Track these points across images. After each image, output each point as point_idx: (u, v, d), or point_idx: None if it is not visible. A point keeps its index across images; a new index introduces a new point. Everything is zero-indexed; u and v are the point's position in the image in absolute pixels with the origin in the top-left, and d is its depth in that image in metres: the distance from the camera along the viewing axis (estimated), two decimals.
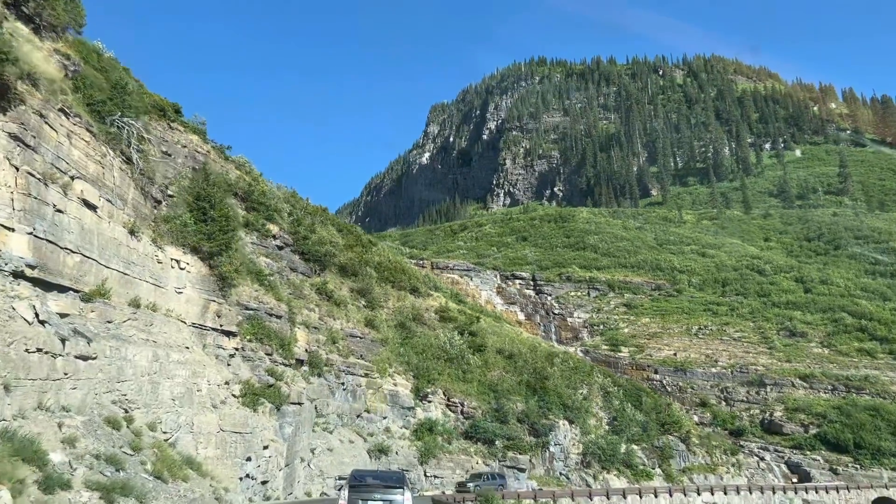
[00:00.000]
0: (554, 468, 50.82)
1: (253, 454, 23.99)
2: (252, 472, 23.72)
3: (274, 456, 27.65)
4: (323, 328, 45.83)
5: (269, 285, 42.15)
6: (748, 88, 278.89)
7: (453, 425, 48.52)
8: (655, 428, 57.26)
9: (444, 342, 55.19)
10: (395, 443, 43.26)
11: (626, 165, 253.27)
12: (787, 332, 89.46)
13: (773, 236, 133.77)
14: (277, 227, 51.55)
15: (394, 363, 49.18)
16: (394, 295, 61.69)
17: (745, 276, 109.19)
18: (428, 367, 50.16)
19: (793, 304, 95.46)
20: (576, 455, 52.09)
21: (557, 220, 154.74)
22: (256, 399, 27.09)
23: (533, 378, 54.60)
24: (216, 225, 27.93)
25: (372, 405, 44.87)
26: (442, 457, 44.70)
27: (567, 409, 53.15)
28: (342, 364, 43.53)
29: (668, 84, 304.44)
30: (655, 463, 54.84)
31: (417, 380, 48.94)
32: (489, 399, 51.01)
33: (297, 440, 32.79)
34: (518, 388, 53.24)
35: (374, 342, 50.05)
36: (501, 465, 45.27)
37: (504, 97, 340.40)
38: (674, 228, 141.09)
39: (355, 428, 42.05)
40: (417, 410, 48.09)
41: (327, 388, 41.41)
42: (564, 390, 54.49)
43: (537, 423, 50.83)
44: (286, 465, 29.37)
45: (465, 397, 50.49)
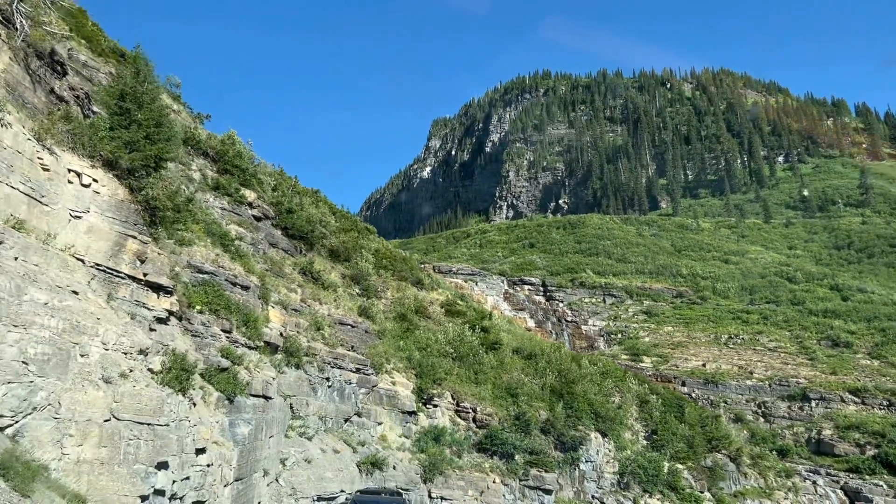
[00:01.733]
0: (585, 490, 41.76)
1: (171, 459, 15.12)
2: (165, 488, 14.83)
3: (216, 465, 18.77)
4: (306, 312, 37.12)
5: (238, 253, 33.52)
6: (759, 102, 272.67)
7: (464, 435, 39.57)
8: (702, 444, 48.29)
9: (453, 337, 46.34)
10: (392, 455, 34.31)
11: (634, 177, 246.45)
12: (828, 342, 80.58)
13: (798, 245, 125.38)
14: (255, 194, 43.09)
15: (392, 358, 40.33)
16: (393, 285, 52.98)
17: (774, 283, 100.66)
18: (433, 365, 41.30)
19: (832, 313, 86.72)
20: (611, 474, 43.05)
21: (567, 227, 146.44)
22: (187, 379, 18.23)
23: (558, 382, 45.68)
24: (142, 131, 19.33)
25: (365, 408, 35.95)
26: (450, 473, 35.70)
27: (599, 420, 44.19)
28: (328, 355, 34.71)
29: (677, 97, 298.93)
30: (704, 485, 45.74)
31: (421, 379, 40.06)
32: (507, 405, 42.09)
33: (259, 446, 23.89)
34: (541, 394, 44.33)
35: (368, 333, 41.25)
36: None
37: (508, 109, 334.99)
38: (691, 235, 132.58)
39: (342, 435, 33.12)
40: (420, 416, 39.17)
41: (307, 384, 32.56)
42: (595, 397, 45.55)
43: (565, 435, 41.86)
44: (237, 480, 20.47)
45: (477, 402, 41.57)
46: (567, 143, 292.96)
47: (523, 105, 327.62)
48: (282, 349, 31.86)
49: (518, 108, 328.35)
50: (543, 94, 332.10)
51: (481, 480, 36.57)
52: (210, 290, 26.68)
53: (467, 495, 35.64)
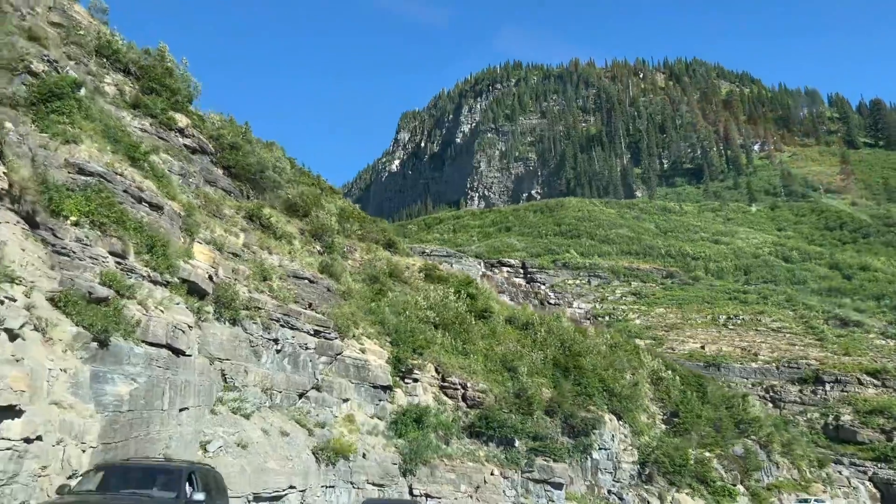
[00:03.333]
0: (599, 483, 33.94)
1: None
2: None
3: (52, 443, 10.34)
4: (249, 258, 28.71)
5: (153, 171, 25.01)
6: (734, 91, 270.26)
7: (452, 416, 31.47)
8: (730, 428, 40.87)
9: (435, 302, 38.22)
10: (361, 440, 26.03)
11: (608, 166, 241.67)
12: (837, 322, 74.17)
13: (787, 226, 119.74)
14: (189, 121, 34.53)
15: (362, 322, 32.03)
16: (362, 247, 44.68)
17: (770, 263, 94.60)
18: (412, 331, 33.12)
19: (837, 291, 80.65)
20: (630, 464, 35.32)
21: (544, 211, 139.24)
22: None
23: (562, 354, 37.83)
24: None
25: (326, 380, 27.57)
26: (437, 464, 27.56)
27: (613, 399, 36.46)
28: (276, 310, 26.31)
29: (650, 87, 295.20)
30: (736, 477, 38.29)
31: (397, 347, 31.81)
32: (503, 380, 34.10)
33: (154, 419, 15.49)
34: (542, 368, 36.42)
35: (331, 293, 32.89)
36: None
37: (479, 100, 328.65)
38: (676, 217, 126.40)
39: (295, 413, 24.73)
40: (397, 393, 30.91)
41: (247, 346, 24.14)
42: (606, 372, 37.74)
43: (574, 417, 33.99)
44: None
45: (467, 377, 33.47)
46: (539, 133, 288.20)
47: (494, 95, 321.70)
48: (211, 298, 23.44)
49: (489, 98, 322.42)
50: (515, 84, 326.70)
51: (476, 472, 28.48)
52: (96, 198, 18.19)
53: (459, 491, 27.52)
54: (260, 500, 19.54)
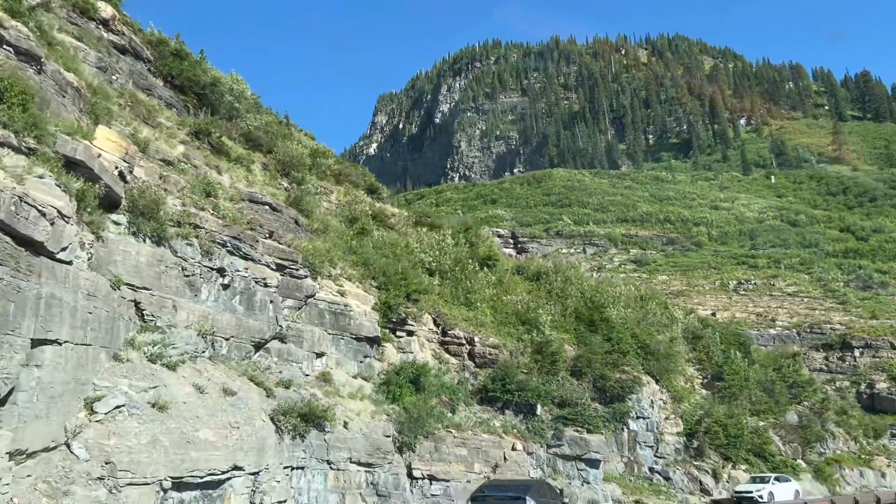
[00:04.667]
0: (639, 459, 27.42)
1: None
2: None
3: None
4: (189, 172, 21.68)
5: (41, 33, 17.73)
6: (718, 66, 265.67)
7: (457, 378, 24.67)
8: (783, 393, 34.53)
9: (430, 246, 31.31)
10: (342, 405, 19.12)
11: (592, 143, 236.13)
12: (859, 284, 68.37)
13: (787, 193, 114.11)
14: (116, 13, 27.35)
15: (340, 262, 25.04)
16: (339, 190, 37.57)
17: (777, 227, 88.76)
18: (405, 275, 26.16)
19: (854, 253, 74.83)
20: (674, 436, 28.79)
21: (531, 182, 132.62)
22: None
23: (584, 307, 31.08)
24: None
25: (293, 328, 20.63)
26: (444, 436, 20.76)
27: (650, 358, 29.83)
28: (223, 233, 19.32)
29: (633, 63, 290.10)
30: (797, 450, 31.98)
31: (386, 292, 24.85)
32: (518, 333, 27.29)
33: None
34: (563, 322, 29.63)
35: (300, 227, 25.92)
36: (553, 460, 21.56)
37: (458, 79, 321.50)
38: (670, 185, 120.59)
39: (247, 368, 17.69)
40: (387, 348, 24.01)
41: (178, 273, 17.26)
42: (639, 326, 31.10)
43: (606, 379, 27.36)
44: None
45: (474, 329, 26.65)
46: (521, 112, 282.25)
47: (474, 74, 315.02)
48: (125, 208, 16.41)
49: (468, 76, 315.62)
50: (494, 62, 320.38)
51: (493, 446, 21.71)
52: None
53: (472, 471, 20.73)
54: (184, 489, 12.53)
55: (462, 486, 20.23)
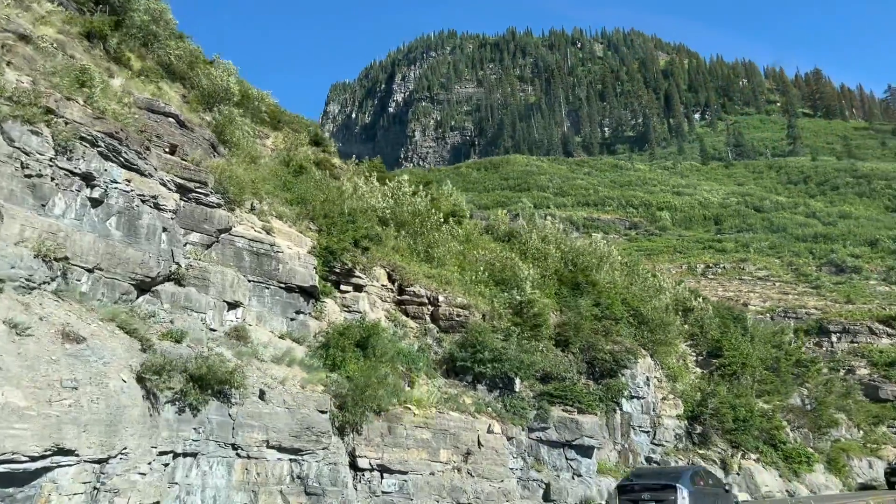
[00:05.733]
0: (634, 447, 22.74)
1: None
2: None
3: None
4: (59, 60, 15.83)
5: None
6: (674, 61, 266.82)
7: (417, 344, 19.45)
8: (788, 372, 30.33)
9: (385, 195, 26.07)
10: (261, 371, 13.66)
11: (548, 134, 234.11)
12: (832, 269, 65.55)
13: (747, 182, 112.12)
14: None
15: (269, 196, 19.57)
16: (277, 135, 31.89)
17: (742, 212, 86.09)
18: (353, 218, 20.81)
19: (824, 238, 72.18)
20: (673, 420, 24.09)
21: (488, 168, 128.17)
22: None
23: (567, 269, 26.21)
24: None
25: (196, 267, 15.11)
26: (400, 414, 15.50)
27: (644, 329, 25.15)
28: (93, 128, 13.53)
29: (588, 56, 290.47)
30: (808, 437, 27.75)
31: (328, 237, 19.43)
32: (492, 294, 22.16)
33: None
34: (542, 283, 24.64)
35: (217, 152, 20.39)
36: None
37: (412, 68, 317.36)
38: (630, 172, 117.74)
39: (121, 313, 12.08)
40: (329, 304, 18.70)
41: (12, 171, 11.43)
42: (629, 292, 26.40)
43: (596, 350, 22.41)
44: None
45: (438, 288, 21.45)
46: (476, 102, 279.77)
47: (429, 63, 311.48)
48: None
49: (423, 66, 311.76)
50: (450, 52, 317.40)
51: (465, 428, 16.56)
52: None
53: (438, 459, 15.54)
54: None
55: (424, 481, 15.05)
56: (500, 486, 15.82)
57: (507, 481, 16.41)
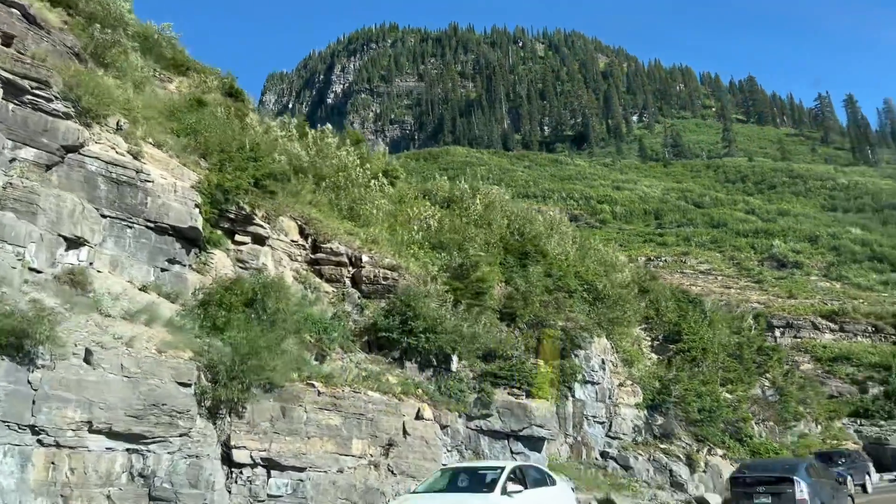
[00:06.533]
0: (588, 439, 19.51)
1: None
2: None
3: None
4: None
5: None
6: (614, 63, 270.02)
7: (333, 310, 15.60)
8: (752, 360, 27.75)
9: (306, 146, 22.11)
10: (104, 327, 9.56)
11: (488, 131, 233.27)
12: (773, 264, 64.56)
13: (686, 180, 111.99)
14: None
15: (146, 120, 15.28)
16: (179, 80, 27.23)
17: (682, 208, 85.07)
18: (255, 155, 16.76)
19: (765, 233, 71.46)
20: (631, 409, 20.94)
21: (427, 158, 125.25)
22: None
23: (515, 238, 22.83)
24: None
25: (24, 188, 10.81)
26: (300, 394, 11.68)
27: (600, 307, 21.94)
28: None
29: (530, 55, 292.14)
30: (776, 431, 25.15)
31: (220, 173, 15.32)
32: (426, 258, 18.49)
33: None
34: (488, 253, 21.09)
35: (82, 60, 15.93)
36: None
37: (352, 59, 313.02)
38: (570, 167, 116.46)
39: None
40: (218, 256, 14.72)
41: None
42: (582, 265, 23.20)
43: (547, 327, 18.95)
44: None
45: (363, 246, 17.59)
46: (417, 97, 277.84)
47: (369, 55, 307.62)
48: None
49: (364, 58, 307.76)
50: (391, 45, 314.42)
51: (387, 412, 12.91)
52: None
53: (348, 452, 11.84)
54: None
55: (329, 480, 11.26)
56: None
57: None
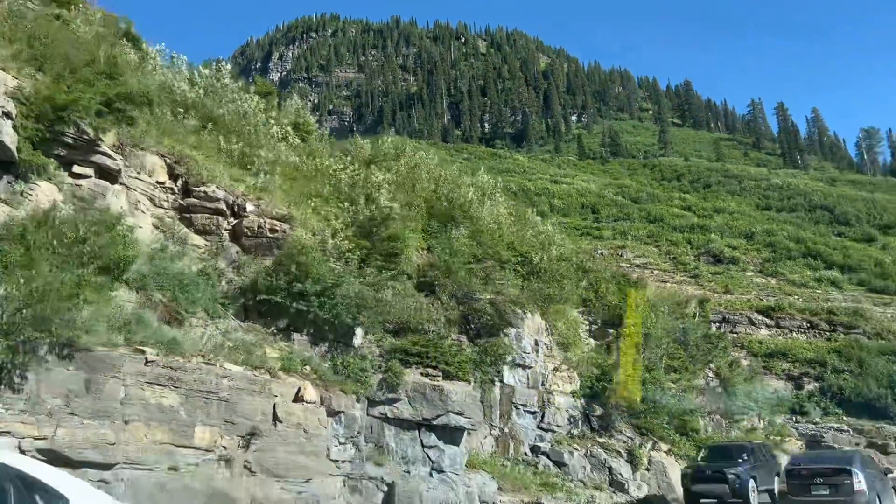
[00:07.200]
0: (516, 431, 16.58)
1: None
2: None
3: None
4: None
5: None
6: (555, 63, 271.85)
7: (202, 267, 12.22)
8: (698, 348, 25.55)
9: (193, 83, 18.56)
10: None
11: (428, 125, 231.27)
12: (709, 259, 63.64)
13: (622, 177, 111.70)
14: None
15: None
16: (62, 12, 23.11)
17: (619, 203, 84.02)
18: (113, 72, 13.16)
19: (701, 229, 70.79)
20: (566, 397, 18.24)
21: None
22: None
23: (439, 201, 19.88)
24: None
25: None
26: (120, 364, 8.21)
27: (534, 280, 19.10)
28: None
29: (472, 52, 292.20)
30: (720, 424, 22.96)
31: (55, 86, 11.70)
32: (327, 209, 15.29)
33: None
34: (409, 217, 18.02)
35: None
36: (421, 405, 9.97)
37: (291, 47, 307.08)
38: (508, 160, 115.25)
39: None
40: (42, 188, 11.05)
41: None
42: (514, 234, 20.46)
43: (473, 301, 16.03)
44: None
45: (247, 194, 14.25)
46: (356, 88, 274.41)
47: (309, 44, 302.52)
48: None
49: (303, 46, 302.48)
50: (332, 35, 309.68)
51: (252, 392, 9.65)
52: None
53: (189, 443, 8.48)
54: None
55: (155, 481, 8.00)
56: (308, 490, 9.09)
57: (322, 482, 9.67)
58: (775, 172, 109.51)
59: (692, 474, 17.87)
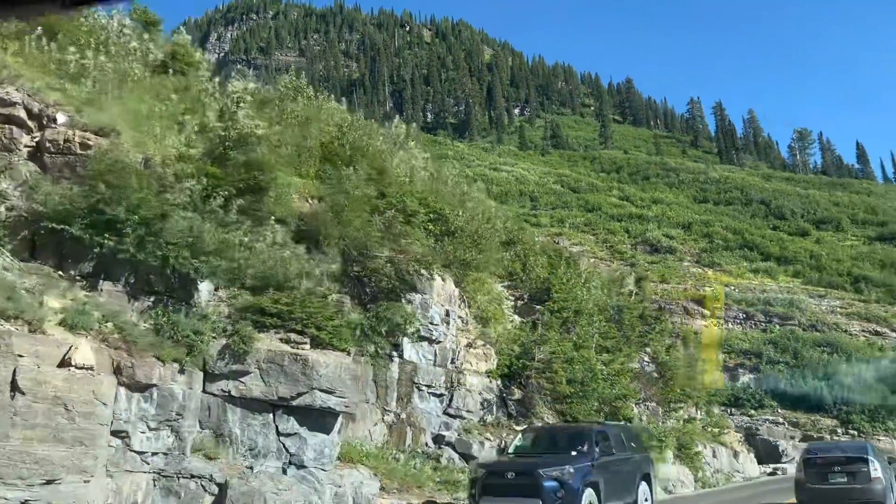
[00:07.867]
0: (415, 417, 13.50)
1: None
2: None
3: None
4: None
5: None
6: (499, 55, 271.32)
7: None
8: (635, 327, 23.02)
9: None
10: None
11: (370, 112, 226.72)
12: (647, 248, 62.26)
13: (562, 167, 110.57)
14: None
15: None
16: None
17: (558, 192, 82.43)
18: None
19: (639, 218, 69.45)
20: (481, 378, 15.30)
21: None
22: None
23: (341, 146, 16.70)
24: None
25: None
26: None
27: (449, 242, 16.08)
28: None
29: (416, 41, 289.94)
30: (656, 412, 20.46)
31: None
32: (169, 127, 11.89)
33: None
34: (298, 160, 14.81)
35: None
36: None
37: (230, 28, 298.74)
38: (448, 148, 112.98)
39: None
40: None
41: None
42: (429, 191, 17.46)
43: (369, 259, 12.90)
44: None
45: (62, 104, 10.74)
46: (297, 72, 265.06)
47: (248, 26, 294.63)
48: None
49: (242, 28, 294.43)
50: (273, 17, 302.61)
51: None
52: None
53: None
54: None
55: None
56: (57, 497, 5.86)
57: (86, 483, 6.42)
58: (713, 167, 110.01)
59: (483, 479, 11.91)
